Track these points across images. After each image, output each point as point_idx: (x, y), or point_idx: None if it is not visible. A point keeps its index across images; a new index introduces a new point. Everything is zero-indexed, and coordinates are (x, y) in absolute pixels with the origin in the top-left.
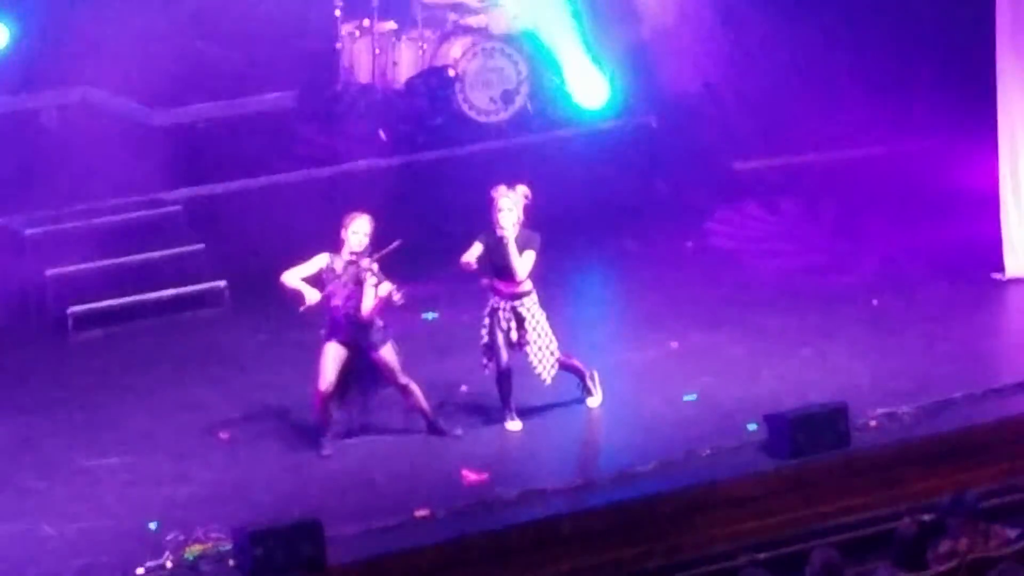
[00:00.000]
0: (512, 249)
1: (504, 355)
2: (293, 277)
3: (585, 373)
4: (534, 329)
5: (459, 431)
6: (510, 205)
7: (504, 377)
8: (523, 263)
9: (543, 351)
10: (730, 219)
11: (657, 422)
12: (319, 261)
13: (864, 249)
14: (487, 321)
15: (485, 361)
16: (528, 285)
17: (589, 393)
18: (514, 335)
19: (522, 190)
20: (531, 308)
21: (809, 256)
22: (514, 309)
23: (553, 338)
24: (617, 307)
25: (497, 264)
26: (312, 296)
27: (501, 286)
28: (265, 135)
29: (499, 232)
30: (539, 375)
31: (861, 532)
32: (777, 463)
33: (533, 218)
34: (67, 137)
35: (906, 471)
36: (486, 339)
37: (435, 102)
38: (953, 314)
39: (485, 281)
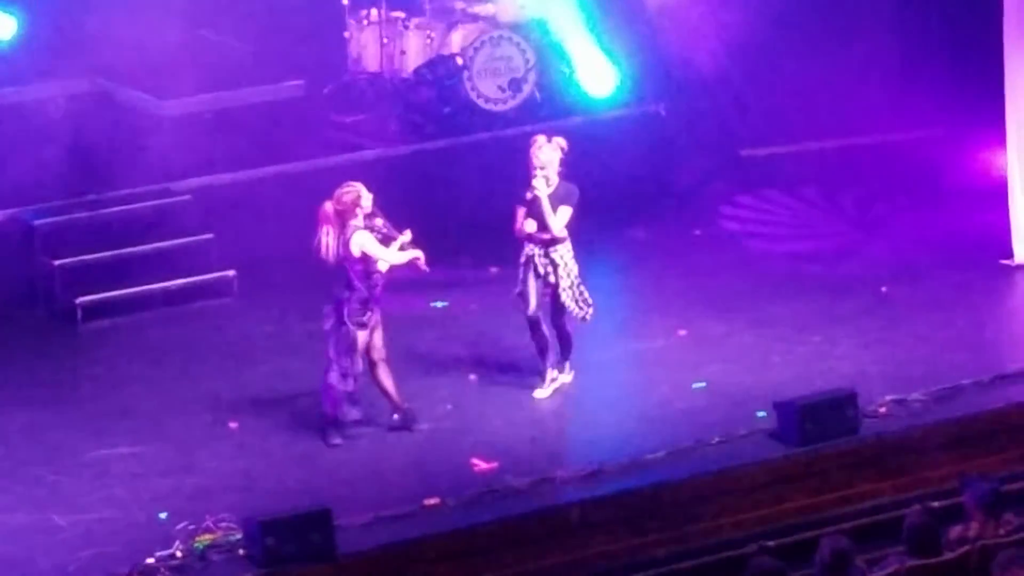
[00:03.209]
0: (546, 207)
1: (533, 302)
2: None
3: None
4: (568, 275)
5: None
6: (543, 162)
7: (534, 327)
8: (558, 219)
9: (574, 289)
10: (739, 207)
11: (666, 410)
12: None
13: (874, 236)
14: (522, 271)
15: (522, 306)
16: (563, 234)
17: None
18: (552, 278)
19: (558, 142)
20: (564, 255)
21: (818, 243)
22: (548, 255)
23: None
24: (626, 295)
25: (534, 219)
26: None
27: (537, 235)
28: (273, 124)
29: (530, 194)
30: (575, 315)
31: (871, 519)
32: (786, 450)
33: None
34: (76, 127)
35: (916, 458)
36: (520, 287)
37: (443, 91)
38: (962, 301)
39: (521, 231)
